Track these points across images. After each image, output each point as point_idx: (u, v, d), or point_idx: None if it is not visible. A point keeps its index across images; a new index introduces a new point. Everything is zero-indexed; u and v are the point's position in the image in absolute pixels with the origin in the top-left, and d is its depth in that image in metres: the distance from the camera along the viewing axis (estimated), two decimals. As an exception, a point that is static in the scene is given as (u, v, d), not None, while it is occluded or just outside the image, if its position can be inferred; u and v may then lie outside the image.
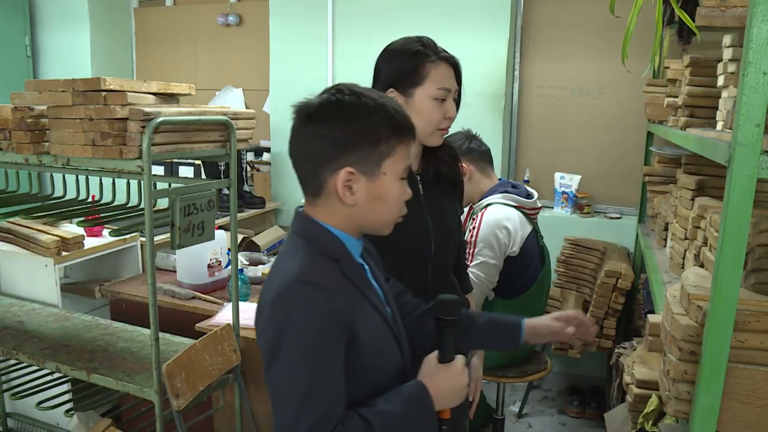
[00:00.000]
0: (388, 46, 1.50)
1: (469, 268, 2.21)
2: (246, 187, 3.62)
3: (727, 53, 1.45)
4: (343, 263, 1.05)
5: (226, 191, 3.22)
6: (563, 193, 3.41)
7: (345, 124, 1.01)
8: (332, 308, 0.97)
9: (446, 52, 1.47)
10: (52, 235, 2.46)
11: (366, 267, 1.13)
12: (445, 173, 1.57)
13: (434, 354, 1.09)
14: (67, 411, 2.26)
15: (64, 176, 2.20)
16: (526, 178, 3.52)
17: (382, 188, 1.04)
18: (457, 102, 1.52)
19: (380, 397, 1.01)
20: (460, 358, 1.09)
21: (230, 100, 4.17)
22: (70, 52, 4.20)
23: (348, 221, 1.06)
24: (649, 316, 1.41)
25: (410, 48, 1.44)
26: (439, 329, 1.09)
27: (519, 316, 1.37)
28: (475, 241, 2.19)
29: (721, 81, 1.53)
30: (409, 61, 1.43)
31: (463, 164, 1.80)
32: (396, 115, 1.04)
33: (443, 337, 1.09)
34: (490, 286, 2.21)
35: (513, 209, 2.25)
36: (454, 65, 1.48)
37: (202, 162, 3.39)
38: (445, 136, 1.54)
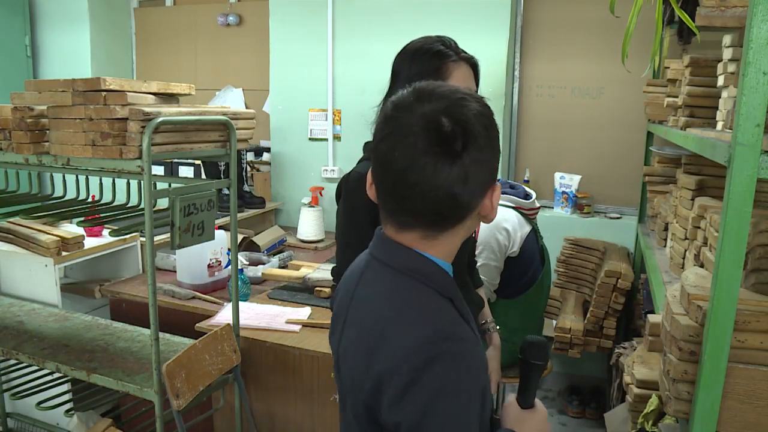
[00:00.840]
0: (408, 45, 1.48)
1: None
2: (246, 187, 3.62)
3: (727, 53, 1.45)
4: (455, 301, 0.93)
5: (226, 191, 3.22)
6: (563, 193, 3.41)
7: (496, 139, 0.88)
8: (479, 360, 0.87)
9: (466, 52, 1.47)
10: (52, 235, 2.46)
11: None
12: None
13: (513, 399, 1.03)
14: (67, 411, 2.26)
15: (64, 176, 2.20)
16: (526, 178, 3.52)
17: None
18: None
19: None
20: (540, 403, 1.04)
21: (230, 100, 4.17)
22: (70, 52, 4.20)
23: (456, 246, 0.95)
24: (649, 316, 1.42)
25: (432, 47, 1.44)
26: (526, 372, 1.02)
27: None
28: (475, 244, 2.19)
29: (721, 81, 1.53)
30: (431, 61, 1.42)
31: None
32: None
33: (529, 380, 1.02)
34: (492, 288, 2.21)
35: (511, 210, 2.25)
36: (474, 66, 1.48)
37: (202, 162, 3.39)
38: None
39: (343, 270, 1.14)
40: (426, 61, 1.42)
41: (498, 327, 1.77)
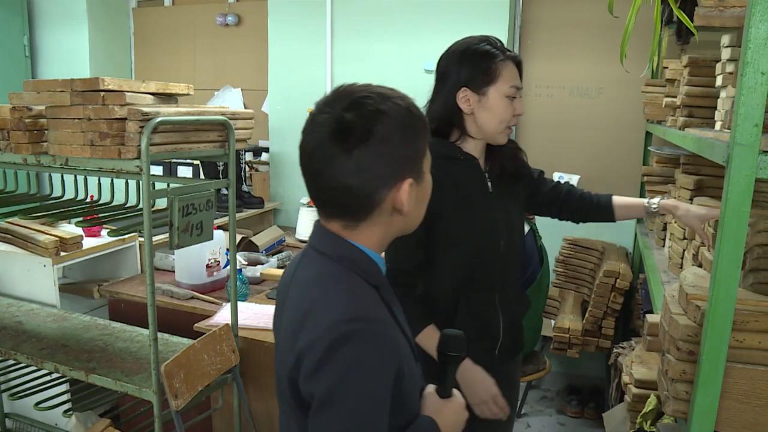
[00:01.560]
0: (453, 47, 1.50)
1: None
2: (244, 187, 3.62)
3: (726, 53, 1.45)
4: (381, 289, 0.99)
5: (224, 191, 3.22)
6: (562, 193, 3.40)
7: (407, 135, 0.94)
8: (392, 344, 0.92)
9: (510, 51, 1.50)
10: (51, 235, 2.45)
11: None
12: (509, 168, 1.59)
13: (432, 388, 1.08)
14: (66, 411, 2.26)
15: (62, 176, 2.20)
16: (524, 178, 3.52)
17: (426, 189, 1.01)
18: None
19: None
20: (458, 393, 1.09)
21: (229, 100, 4.17)
22: (69, 52, 4.20)
23: (384, 237, 1.00)
24: (647, 315, 1.42)
25: (479, 48, 1.46)
26: (443, 364, 1.07)
27: None
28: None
29: (719, 81, 1.53)
30: (481, 61, 1.45)
31: None
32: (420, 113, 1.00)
33: (447, 372, 1.07)
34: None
35: (511, 209, 2.25)
36: (518, 64, 1.50)
37: (200, 162, 3.39)
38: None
39: (397, 264, 1.39)
40: (475, 62, 1.45)
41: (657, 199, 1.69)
